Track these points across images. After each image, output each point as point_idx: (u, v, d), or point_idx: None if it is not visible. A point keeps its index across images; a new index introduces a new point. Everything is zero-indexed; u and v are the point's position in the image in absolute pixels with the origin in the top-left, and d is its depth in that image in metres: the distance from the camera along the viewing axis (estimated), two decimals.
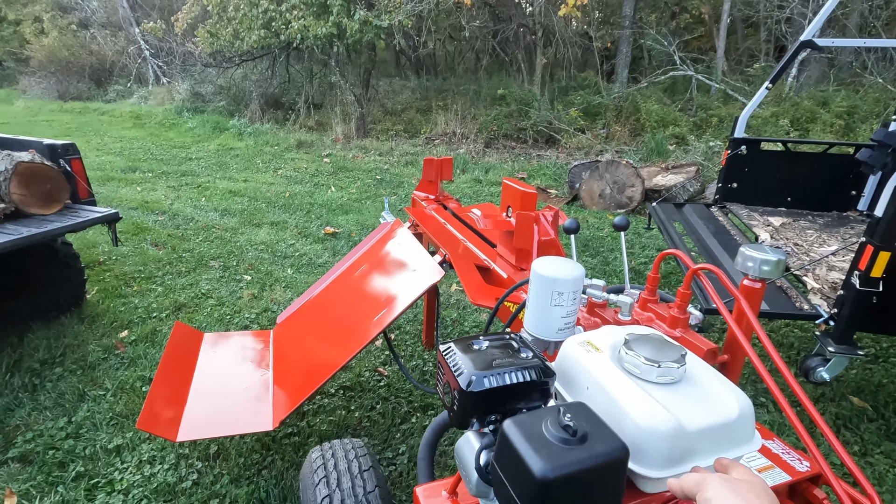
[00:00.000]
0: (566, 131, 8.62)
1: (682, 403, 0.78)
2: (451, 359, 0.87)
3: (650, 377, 0.81)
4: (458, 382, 0.82)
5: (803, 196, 3.19)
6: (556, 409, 0.72)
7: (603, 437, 0.69)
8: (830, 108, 7.33)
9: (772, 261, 1.12)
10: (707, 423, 0.75)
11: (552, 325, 1.11)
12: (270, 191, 6.59)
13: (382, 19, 7.81)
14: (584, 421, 0.71)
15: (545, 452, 0.66)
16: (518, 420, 0.72)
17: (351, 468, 1.26)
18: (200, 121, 11.15)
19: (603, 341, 0.91)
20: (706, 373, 0.85)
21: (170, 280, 4.01)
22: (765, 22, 10.14)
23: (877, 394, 2.78)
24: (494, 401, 0.83)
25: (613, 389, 0.80)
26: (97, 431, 2.37)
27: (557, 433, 0.68)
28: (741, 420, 0.78)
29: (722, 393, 0.80)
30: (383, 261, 2.24)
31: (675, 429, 0.73)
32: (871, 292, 1.84)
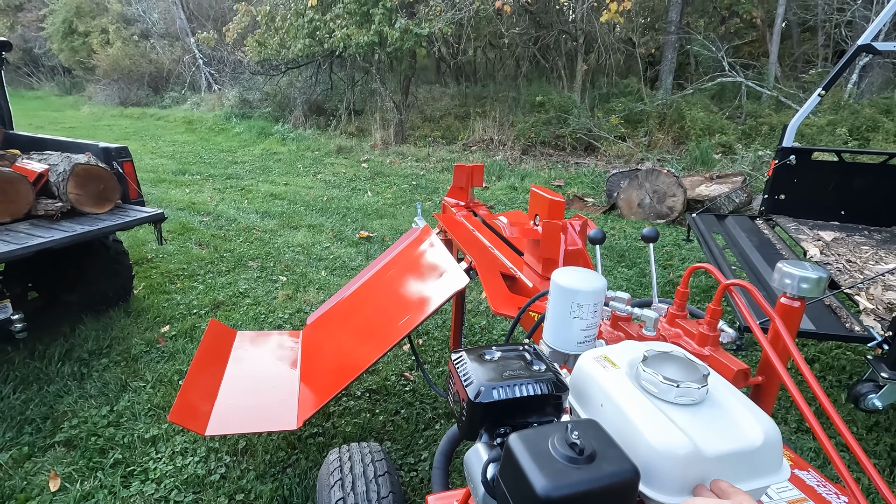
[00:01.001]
0: (606, 139, 8.45)
1: (701, 427, 0.73)
2: (461, 368, 0.86)
3: (668, 397, 0.77)
4: (467, 392, 0.81)
5: (859, 209, 2.99)
6: (565, 426, 0.69)
7: (612, 458, 0.66)
8: (894, 117, 6.88)
9: (812, 278, 1.04)
10: (727, 448, 0.71)
11: (571, 338, 1.08)
12: (309, 194, 6.76)
13: (422, 27, 7.90)
14: (593, 439, 0.68)
15: (549, 470, 0.64)
16: (524, 435, 0.70)
17: (366, 472, 1.27)
18: (247, 126, 11.59)
19: (621, 357, 0.87)
20: (731, 395, 0.80)
21: (210, 279, 4.17)
22: (823, 26, 9.64)
23: None
24: (504, 413, 0.81)
25: (628, 408, 0.77)
26: (136, 421, 2.48)
27: (564, 451, 0.66)
28: (766, 448, 0.73)
29: (746, 418, 0.75)
30: (411, 266, 2.25)
31: (691, 453, 0.69)
32: None
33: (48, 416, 2.49)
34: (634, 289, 3.98)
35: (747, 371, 1.06)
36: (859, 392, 1.91)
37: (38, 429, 2.42)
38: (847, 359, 3.10)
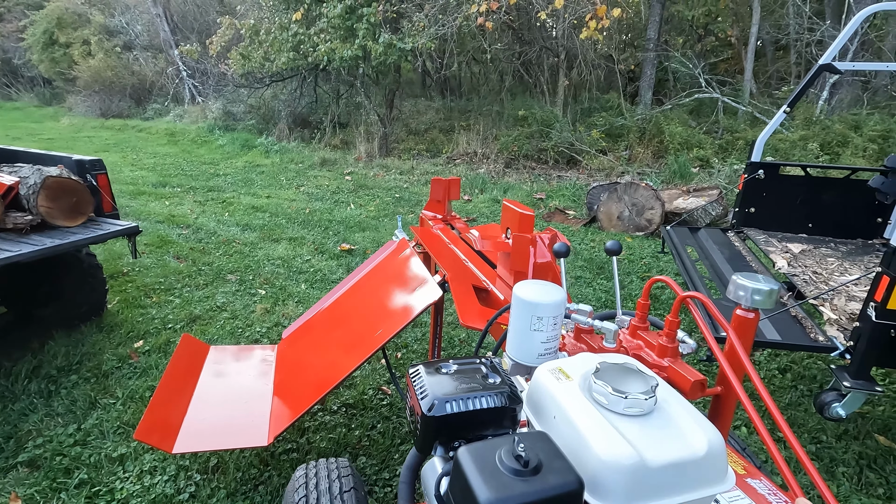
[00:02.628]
0: (587, 152, 8.58)
1: (647, 437, 0.75)
2: (417, 382, 0.86)
3: (617, 408, 0.79)
4: (421, 406, 0.81)
5: (826, 222, 3.08)
6: (512, 439, 0.70)
7: (557, 469, 0.67)
8: (863, 132, 7.11)
9: (764, 290, 1.08)
10: (672, 458, 0.72)
11: (533, 350, 1.09)
12: (292, 207, 6.73)
13: (406, 42, 7.99)
14: (540, 451, 0.69)
15: (494, 483, 0.65)
16: (473, 448, 0.71)
17: (332, 489, 1.26)
18: (230, 138, 11.54)
19: (575, 369, 0.89)
20: (678, 406, 0.82)
21: (188, 292, 4.11)
22: (794, 44, 9.97)
23: None
24: (458, 426, 0.82)
25: (578, 419, 0.78)
26: (104, 440, 2.42)
27: (510, 463, 0.67)
28: (710, 457, 0.74)
29: (692, 428, 0.77)
30: (387, 279, 2.25)
31: (636, 464, 0.71)
32: (889, 325, 1.75)
33: (11, 436, 2.42)
34: (612, 301, 4.02)
35: (704, 382, 1.08)
36: (824, 401, 1.95)
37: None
38: (818, 368, 3.16)
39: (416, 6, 8.35)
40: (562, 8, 7.64)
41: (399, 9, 8.29)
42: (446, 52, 8.98)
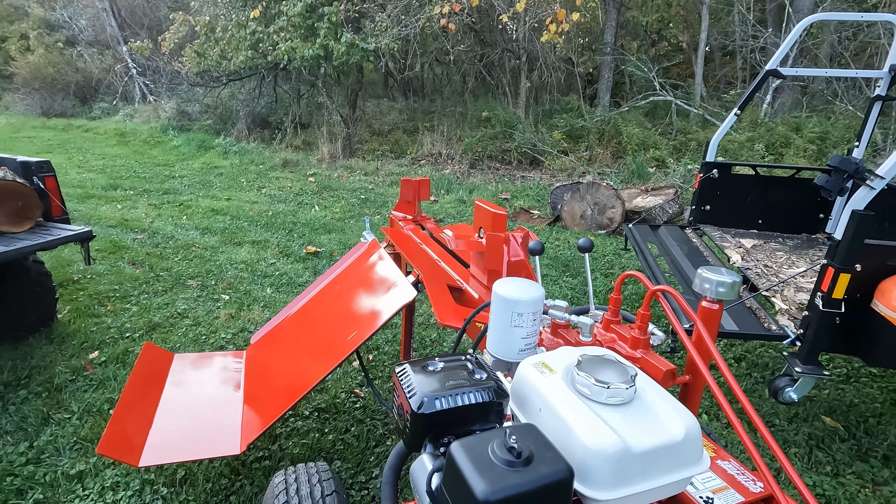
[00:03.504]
0: (550, 153, 8.76)
1: (629, 425, 0.78)
2: (404, 380, 0.87)
3: (600, 398, 0.82)
4: (411, 404, 0.82)
5: (774, 219, 3.27)
6: (504, 432, 0.72)
7: (548, 460, 0.70)
8: (803, 134, 7.58)
9: (727, 282, 1.14)
10: (653, 444, 0.76)
11: (513, 346, 1.12)
12: (253, 209, 6.56)
13: (368, 42, 7.93)
14: (531, 443, 0.71)
15: (489, 475, 0.66)
16: (465, 442, 0.72)
17: (313, 493, 1.24)
18: (186, 139, 11.12)
19: (557, 362, 0.92)
20: (655, 394, 0.86)
21: (145, 299, 3.94)
22: (740, 50, 10.51)
23: (849, 414, 2.82)
24: (447, 422, 0.83)
25: (563, 410, 0.81)
26: (59, 457, 2.29)
27: (503, 455, 0.69)
28: (687, 441, 0.79)
29: (669, 415, 0.81)
30: (358, 281, 2.24)
31: (621, 451, 0.74)
32: (835, 313, 1.89)
33: None
34: (579, 297, 4.13)
35: (674, 371, 1.14)
36: (777, 386, 2.07)
37: None
38: (770, 356, 3.35)
39: (377, 6, 8.30)
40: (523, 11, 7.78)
41: (361, 8, 8.22)
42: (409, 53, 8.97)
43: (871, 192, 1.81)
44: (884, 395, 3.00)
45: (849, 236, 1.78)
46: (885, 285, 1.84)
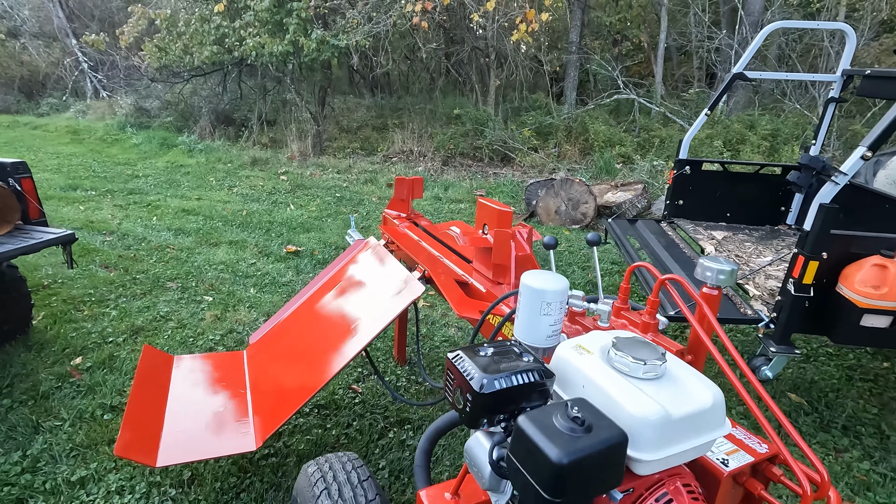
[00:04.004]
0: (520, 150, 8.95)
1: (666, 395, 0.89)
2: (460, 365, 0.95)
3: (637, 374, 0.93)
4: (471, 385, 0.90)
5: (740, 212, 3.51)
6: (564, 405, 0.81)
7: (605, 426, 0.80)
8: (757, 131, 8.04)
9: (727, 270, 1.27)
10: (688, 410, 0.87)
11: (541, 333, 1.22)
12: (226, 209, 6.43)
13: (340, 39, 7.88)
14: (587, 413, 0.81)
15: (559, 441, 0.75)
16: (531, 415, 0.81)
17: (350, 479, 1.31)
18: (146, 137, 10.71)
19: (593, 345, 1.02)
20: (683, 369, 0.98)
21: (124, 303, 3.84)
22: (696, 51, 11.01)
23: (811, 390, 3.08)
24: (503, 401, 0.92)
25: (607, 386, 0.91)
26: (57, 464, 2.25)
27: (567, 424, 0.78)
28: (715, 408, 0.90)
29: (698, 385, 0.93)
30: (362, 278, 2.29)
31: (663, 417, 0.85)
32: (805, 297, 2.08)
33: None
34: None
35: (683, 350, 1.27)
36: (754, 365, 2.26)
37: None
38: (738, 340, 3.60)
39: (347, 2, 8.24)
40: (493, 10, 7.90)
41: (331, 4, 8.15)
42: (380, 51, 8.95)
43: (836, 186, 2.02)
44: (840, 373, 3.28)
45: (817, 227, 1.97)
46: (847, 271, 2.04)
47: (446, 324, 3.71)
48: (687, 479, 0.93)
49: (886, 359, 3.45)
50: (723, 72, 9.99)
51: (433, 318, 3.78)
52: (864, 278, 1.99)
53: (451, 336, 3.55)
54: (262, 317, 3.70)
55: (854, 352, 3.50)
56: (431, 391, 2.93)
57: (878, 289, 1.97)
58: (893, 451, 2.61)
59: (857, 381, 3.20)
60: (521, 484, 0.79)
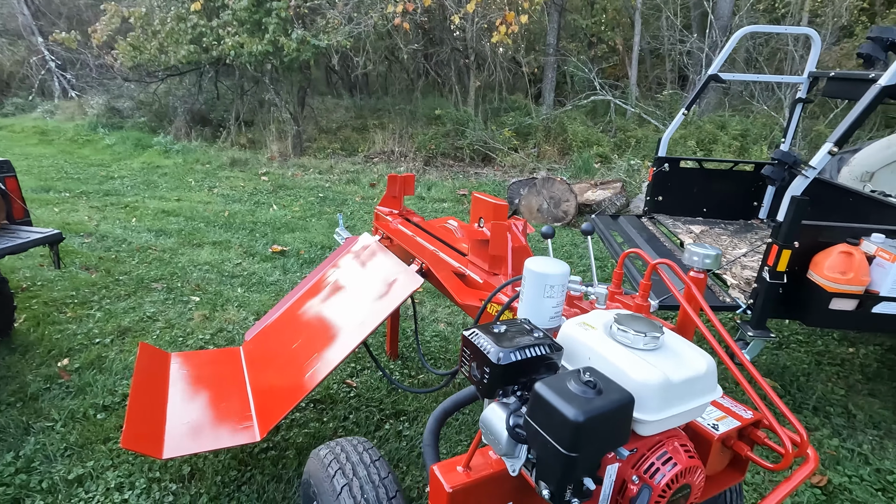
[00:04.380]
0: (501, 150, 9.08)
1: (665, 363, 0.98)
2: (477, 341, 1.02)
3: (639, 345, 1.01)
4: (489, 358, 0.98)
5: (716, 207, 3.68)
6: (577, 371, 0.89)
7: (614, 389, 0.88)
8: (728, 131, 8.35)
9: (712, 255, 1.38)
10: (686, 375, 0.96)
11: (545, 314, 1.30)
12: (208, 210, 6.36)
13: (321, 39, 7.87)
14: (598, 378, 0.89)
15: (574, 402, 0.83)
16: (547, 381, 0.89)
17: (363, 458, 1.36)
18: (119, 137, 10.47)
19: (596, 321, 1.10)
20: (678, 341, 1.07)
21: (108, 304, 3.79)
22: (669, 53, 11.34)
23: (784, 375, 3.25)
24: (517, 372, 0.99)
25: (612, 356, 0.99)
26: (52, 464, 2.23)
27: (581, 388, 0.86)
28: (708, 373, 1.00)
29: (693, 354, 1.02)
30: (359, 272, 2.34)
31: (664, 381, 0.93)
32: (779, 284, 2.22)
33: None
34: None
35: (674, 329, 1.36)
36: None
37: None
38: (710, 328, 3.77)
39: (328, 2, 8.24)
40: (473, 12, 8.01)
41: (311, 4, 8.13)
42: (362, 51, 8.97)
43: (806, 180, 2.16)
44: (810, 358, 3.48)
45: (789, 218, 2.11)
46: (817, 258, 2.19)
47: (436, 319, 3.78)
48: (683, 441, 1.03)
49: (851, 344, 3.66)
50: (694, 74, 10.33)
51: (423, 314, 3.84)
52: (832, 265, 2.14)
53: (441, 331, 3.62)
54: (252, 316, 3.70)
55: (822, 338, 3.71)
56: (425, 383, 2.99)
57: (845, 274, 2.12)
58: (859, 428, 2.79)
59: (826, 366, 3.39)
60: (541, 443, 0.86)
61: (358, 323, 2.04)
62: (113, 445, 2.33)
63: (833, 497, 2.32)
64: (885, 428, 2.81)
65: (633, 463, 0.98)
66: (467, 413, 2.69)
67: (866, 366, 3.42)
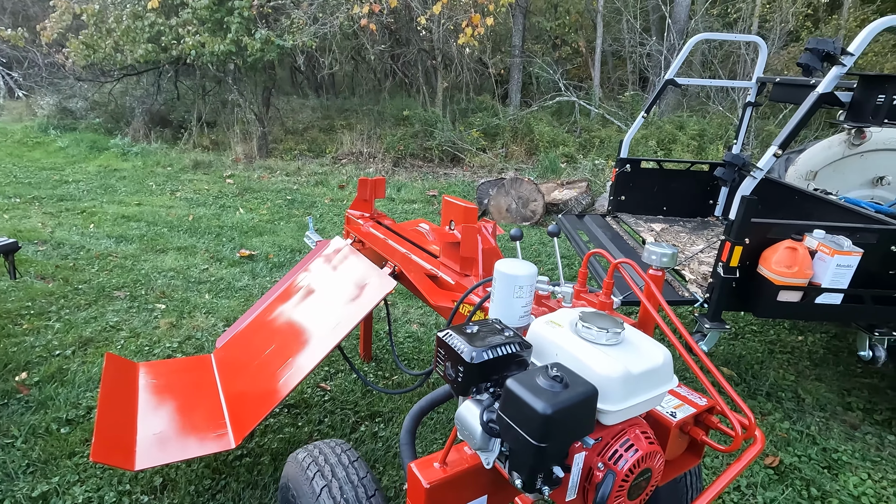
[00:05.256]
0: (469, 151, 9.17)
1: (626, 356, 1.06)
2: (451, 341, 1.07)
3: (601, 341, 1.09)
4: (463, 357, 1.03)
5: (675, 206, 3.86)
6: (545, 367, 0.95)
7: (579, 383, 0.94)
8: (686, 132, 8.69)
9: (669, 253, 1.47)
10: (645, 367, 1.04)
11: (515, 314, 1.36)
12: (171, 214, 6.19)
13: (286, 39, 7.76)
14: (565, 373, 0.96)
15: (543, 396, 0.89)
16: (517, 378, 0.95)
17: (341, 459, 1.39)
18: (73, 139, 10.04)
19: (563, 319, 1.17)
20: (638, 335, 1.15)
21: (68, 314, 3.66)
22: (630, 56, 11.70)
23: (739, 363, 3.44)
24: (490, 370, 1.05)
25: (577, 352, 1.06)
26: (14, 482, 2.15)
27: (549, 382, 0.92)
28: (665, 365, 1.08)
29: (651, 347, 1.10)
30: (332, 276, 2.35)
31: (626, 373, 1.01)
32: (732, 278, 2.36)
33: None
34: None
35: (635, 325, 1.45)
36: None
37: None
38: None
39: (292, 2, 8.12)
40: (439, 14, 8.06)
41: (275, 4, 8.01)
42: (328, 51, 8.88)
43: (754, 181, 2.30)
44: (763, 347, 3.69)
45: (740, 216, 2.25)
46: (766, 253, 2.34)
47: (409, 321, 3.81)
48: (644, 428, 1.10)
49: (800, 333, 3.90)
50: (654, 76, 10.69)
51: (395, 315, 3.87)
52: (779, 259, 2.29)
53: (414, 332, 3.65)
54: (222, 322, 3.64)
55: (774, 328, 3.93)
56: (399, 384, 3.03)
57: (791, 268, 2.27)
58: (808, 411, 2.99)
59: (777, 354, 3.61)
60: (513, 436, 0.92)
61: (332, 327, 2.06)
62: (79, 460, 2.27)
63: (784, 476, 2.49)
64: (830, 410, 3.01)
65: (598, 451, 1.05)
66: (441, 412, 2.74)
67: (814, 353, 3.65)
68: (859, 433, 2.82)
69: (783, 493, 2.38)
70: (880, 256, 2.32)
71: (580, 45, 12.08)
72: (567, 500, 1.05)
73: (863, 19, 9.98)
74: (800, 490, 2.41)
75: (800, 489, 2.41)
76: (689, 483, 1.66)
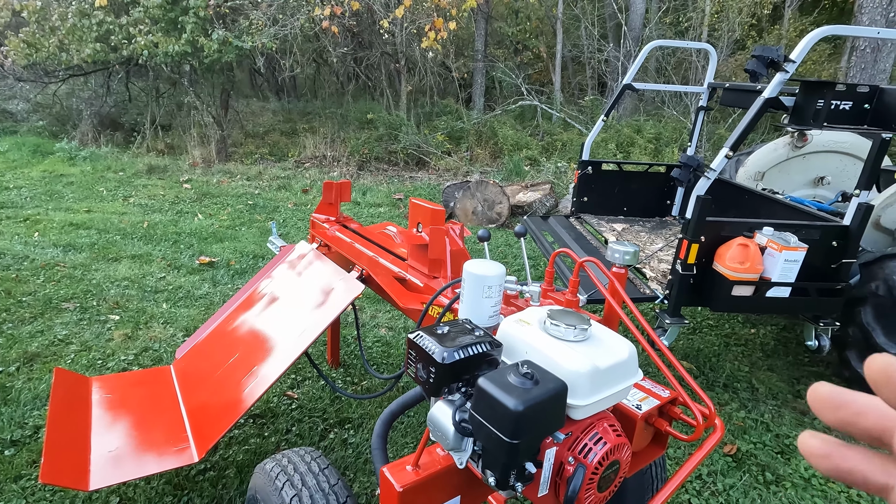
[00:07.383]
0: (434, 154, 9.19)
1: (593, 352, 1.08)
2: (422, 342, 1.07)
3: (569, 337, 1.11)
4: (434, 358, 1.03)
5: (634, 206, 3.98)
6: (516, 364, 0.96)
7: (549, 379, 0.96)
8: (643, 135, 8.99)
9: (631, 252, 1.52)
10: (611, 362, 1.07)
11: (484, 314, 1.37)
12: (123, 221, 5.93)
13: (244, 40, 7.58)
14: (535, 370, 0.97)
15: (514, 393, 0.90)
16: (489, 376, 0.95)
17: (311, 467, 1.36)
18: (14, 143, 9.47)
19: (531, 318, 1.19)
20: (603, 331, 1.18)
21: (11, 329, 3.44)
22: (589, 61, 12.02)
23: (698, 357, 3.58)
24: (461, 370, 1.05)
25: (545, 349, 1.08)
26: None
27: (519, 380, 0.93)
28: (630, 359, 1.11)
29: (617, 342, 1.13)
30: (297, 281, 2.30)
31: (593, 369, 1.03)
32: (689, 275, 2.46)
33: None
34: None
35: (600, 321, 1.48)
36: None
37: None
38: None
39: (251, 3, 7.95)
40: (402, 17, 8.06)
41: (232, 4, 7.81)
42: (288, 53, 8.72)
43: (708, 181, 2.41)
44: (719, 340, 3.85)
45: (695, 215, 2.35)
46: (720, 251, 2.45)
47: (377, 325, 3.78)
48: (612, 421, 1.13)
49: (753, 326, 4.09)
50: (612, 81, 11.02)
51: (363, 320, 3.82)
52: (732, 256, 2.40)
53: (382, 336, 3.62)
54: (181, 332, 3.51)
55: (729, 322, 4.11)
56: (368, 389, 2.99)
57: (743, 264, 2.39)
58: (761, 400, 3.14)
59: (733, 346, 3.77)
60: (485, 434, 0.92)
61: (298, 333, 2.02)
62: (27, 483, 2.14)
63: (742, 463, 2.60)
64: (781, 398, 3.17)
65: (568, 445, 1.06)
66: (412, 416, 2.72)
67: (765, 344, 3.84)
68: (808, 419, 2.99)
69: (741, 479, 2.48)
70: (823, 251, 2.47)
71: (541, 51, 12.32)
72: (539, 496, 1.06)
73: (801, 29, 10.63)
74: (756, 475, 2.52)
75: (756, 474, 2.53)
76: (655, 474, 1.71)
